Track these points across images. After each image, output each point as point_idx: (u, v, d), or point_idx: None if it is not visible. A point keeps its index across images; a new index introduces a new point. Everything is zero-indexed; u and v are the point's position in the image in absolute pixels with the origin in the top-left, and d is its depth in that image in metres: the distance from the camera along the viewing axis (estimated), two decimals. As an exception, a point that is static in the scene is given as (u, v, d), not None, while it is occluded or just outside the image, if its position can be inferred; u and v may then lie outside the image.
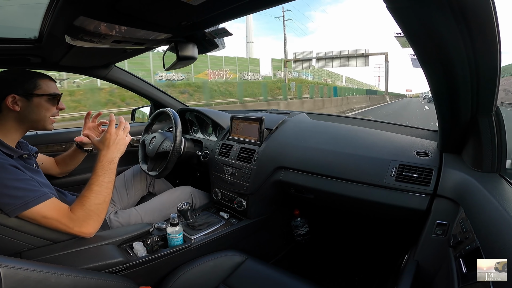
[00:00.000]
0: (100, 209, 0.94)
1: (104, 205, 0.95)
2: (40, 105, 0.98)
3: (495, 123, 0.76)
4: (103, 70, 1.58)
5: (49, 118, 1.01)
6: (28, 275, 0.55)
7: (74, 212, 0.90)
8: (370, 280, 1.42)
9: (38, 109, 0.97)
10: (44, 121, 1.00)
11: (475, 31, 0.54)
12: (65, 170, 1.38)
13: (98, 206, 0.93)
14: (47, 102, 0.99)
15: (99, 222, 0.95)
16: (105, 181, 0.97)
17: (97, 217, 0.93)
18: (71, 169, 1.39)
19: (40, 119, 0.99)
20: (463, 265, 0.61)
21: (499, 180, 0.78)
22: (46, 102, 0.99)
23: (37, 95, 0.97)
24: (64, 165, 1.36)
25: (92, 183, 0.96)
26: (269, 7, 0.76)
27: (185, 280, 0.99)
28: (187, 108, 1.85)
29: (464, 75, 0.64)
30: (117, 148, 1.03)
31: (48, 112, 1.00)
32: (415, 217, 0.96)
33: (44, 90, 0.98)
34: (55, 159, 1.36)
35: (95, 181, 0.96)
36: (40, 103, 0.98)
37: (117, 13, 0.73)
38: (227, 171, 1.38)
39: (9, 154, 0.89)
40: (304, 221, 1.57)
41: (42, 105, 0.98)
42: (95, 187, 0.95)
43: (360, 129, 1.27)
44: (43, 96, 0.98)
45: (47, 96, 0.99)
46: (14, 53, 1.13)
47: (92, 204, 0.92)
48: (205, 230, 1.20)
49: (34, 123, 0.99)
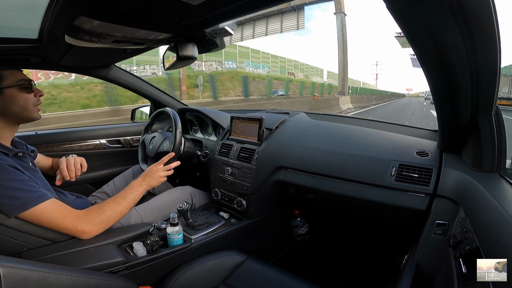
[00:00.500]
0: (113, 216, 0.99)
1: (118, 215, 1.01)
2: (14, 96, 0.95)
3: (495, 123, 0.76)
4: (103, 70, 1.58)
5: (31, 107, 0.99)
6: (28, 275, 0.55)
7: (91, 212, 0.95)
8: (370, 280, 1.42)
9: (13, 100, 0.95)
10: (27, 111, 0.98)
11: (475, 31, 0.54)
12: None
13: (112, 213, 0.99)
14: (20, 91, 0.96)
15: (105, 228, 0.98)
16: (129, 197, 1.06)
17: (107, 223, 0.98)
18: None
19: (20, 109, 0.96)
20: (463, 265, 0.61)
21: (499, 180, 0.78)
22: (19, 91, 0.96)
23: (6, 86, 0.94)
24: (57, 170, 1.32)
25: (119, 195, 1.06)
26: (268, 7, 0.76)
27: (185, 280, 0.99)
28: (187, 108, 1.85)
29: (464, 75, 0.64)
30: (148, 180, 1.14)
31: (27, 101, 0.97)
32: (415, 217, 0.96)
33: (11, 80, 0.95)
34: (52, 161, 1.34)
35: (122, 193, 1.06)
36: (13, 94, 0.95)
37: (117, 13, 0.73)
38: (227, 171, 1.38)
39: (4, 152, 0.90)
40: (304, 221, 1.57)
41: (16, 95, 0.95)
42: (118, 198, 1.04)
43: (360, 129, 1.27)
44: (14, 87, 0.95)
45: (18, 86, 0.96)
46: (14, 53, 1.13)
47: (109, 210, 0.98)
48: (205, 230, 1.20)
49: (17, 115, 0.97)
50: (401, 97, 72.61)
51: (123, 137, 1.81)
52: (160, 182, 1.17)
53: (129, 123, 2.05)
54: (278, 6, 10.97)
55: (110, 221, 0.99)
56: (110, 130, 1.80)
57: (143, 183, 1.12)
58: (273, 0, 0.72)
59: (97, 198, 1.37)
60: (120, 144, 1.80)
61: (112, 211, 0.99)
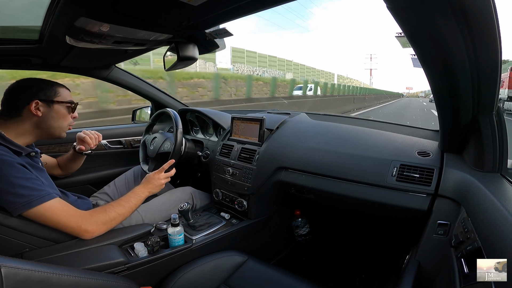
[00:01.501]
0: (117, 218, 1.02)
1: (121, 218, 1.04)
2: (60, 112, 1.02)
3: (496, 122, 0.76)
4: (104, 70, 1.58)
5: (66, 126, 1.06)
6: (29, 276, 0.55)
7: (96, 213, 0.98)
8: (371, 280, 1.42)
9: (58, 115, 1.02)
10: (61, 129, 1.04)
11: (476, 30, 0.54)
12: (67, 172, 1.41)
13: (116, 215, 1.01)
14: (65, 109, 1.04)
15: (106, 229, 0.99)
16: (132, 202, 1.09)
17: (110, 224, 1.00)
18: (73, 171, 1.42)
19: (58, 126, 1.03)
20: (464, 265, 0.61)
21: (500, 180, 0.78)
22: (65, 109, 1.04)
23: (58, 102, 1.01)
24: (65, 167, 1.39)
25: (122, 198, 1.09)
26: (269, 7, 0.76)
27: (186, 280, 0.99)
28: (188, 108, 1.85)
29: (465, 75, 0.64)
30: (150, 187, 1.18)
31: (65, 120, 1.05)
32: (416, 217, 0.96)
33: (63, 98, 1.03)
34: (57, 160, 1.38)
35: (125, 197, 1.09)
36: (59, 110, 1.02)
37: (117, 14, 0.73)
38: (228, 172, 1.38)
39: (18, 151, 0.91)
40: (305, 221, 1.57)
41: (61, 112, 1.02)
42: (122, 202, 1.07)
43: (361, 129, 1.27)
44: (63, 103, 1.03)
45: (66, 104, 1.04)
46: (15, 54, 1.13)
47: (113, 212, 1.01)
48: (206, 230, 1.20)
49: (51, 129, 1.02)
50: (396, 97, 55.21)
51: (124, 138, 1.82)
52: (161, 188, 1.22)
53: (130, 124, 2.06)
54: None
55: (113, 223, 1.01)
56: (111, 131, 1.80)
57: (144, 189, 1.16)
58: (273, 1, 0.72)
59: (98, 199, 1.37)
60: (121, 145, 1.80)
61: (116, 213, 1.01)
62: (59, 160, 1.39)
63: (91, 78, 1.63)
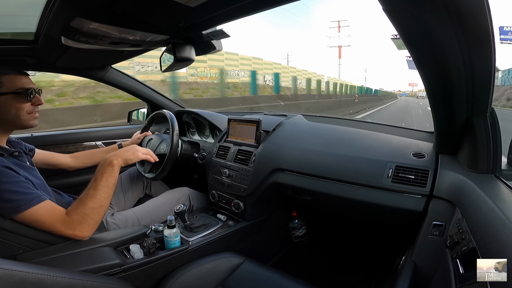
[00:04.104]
0: (96, 213, 0.91)
1: (100, 209, 0.93)
2: (7, 104, 0.91)
3: (490, 124, 0.77)
4: (100, 71, 1.58)
5: (24, 115, 0.94)
6: (23, 278, 0.55)
7: (69, 215, 0.88)
8: (368, 281, 1.42)
9: (6, 108, 0.91)
10: (19, 120, 0.94)
11: (470, 33, 0.54)
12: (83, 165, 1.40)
13: (93, 210, 0.90)
14: (15, 99, 0.92)
15: (94, 226, 0.93)
16: (102, 184, 0.94)
17: (92, 221, 0.91)
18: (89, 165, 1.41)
19: (12, 118, 0.93)
20: (460, 265, 0.62)
21: (494, 181, 0.79)
22: (14, 99, 0.91)
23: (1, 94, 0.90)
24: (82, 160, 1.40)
25: (89, 186, 0.95)
26: (267, 9, 0.76)
27: (182, 282, 0.99)
28: (184, 110, 1.84)
29: (459, 77, 0.65)
30: (122, 153, 1.04)
31: (20, 110, 0.93)
32: (411, 218, 0.96)
33: (8, 88, 0.90)
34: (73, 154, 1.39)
35: (92, 184, 0.95)
36: (6, 102, 0.90)
37: (114, 14, 0.73)
38: (225, 173, 1.38)
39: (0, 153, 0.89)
40: (302, 222, 1.57)
41: (9, 103, 0.91)
42: (91, 191, 0.93)
43: (357, 130, 1.28)
44: (8, 94, 0.90)
45: (13, 94, 0.91)
46: (10, 54, 1.12)
47: (87, 208, 0.90)
48: (203, 232, 1.20)
49: (9, 122, 0.93)
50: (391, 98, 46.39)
51: (120, 139, 1.80)
52: (137, 158, 1.11)
53: (126, 125, 2.04)
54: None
55: (93, 218, 0.91)
56: (107, 132, 1.79)
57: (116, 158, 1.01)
58: (270, 2, 0.73)
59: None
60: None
61: (89, 208, 0.90)
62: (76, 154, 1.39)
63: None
